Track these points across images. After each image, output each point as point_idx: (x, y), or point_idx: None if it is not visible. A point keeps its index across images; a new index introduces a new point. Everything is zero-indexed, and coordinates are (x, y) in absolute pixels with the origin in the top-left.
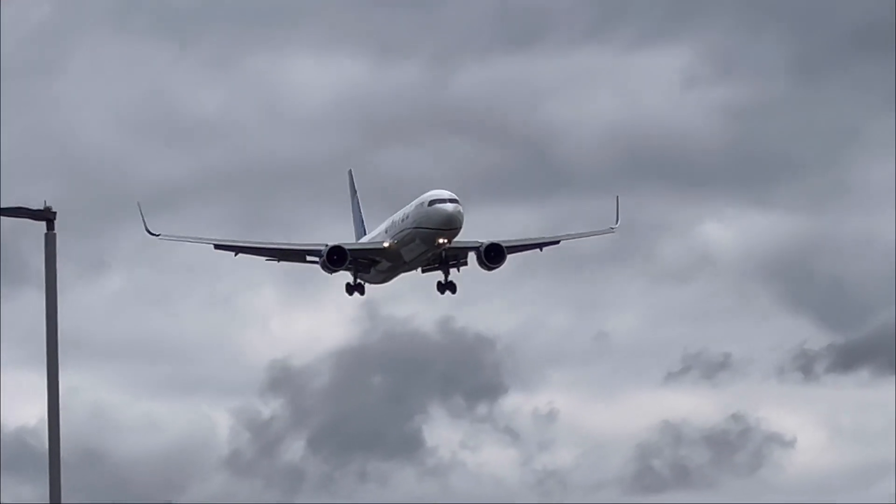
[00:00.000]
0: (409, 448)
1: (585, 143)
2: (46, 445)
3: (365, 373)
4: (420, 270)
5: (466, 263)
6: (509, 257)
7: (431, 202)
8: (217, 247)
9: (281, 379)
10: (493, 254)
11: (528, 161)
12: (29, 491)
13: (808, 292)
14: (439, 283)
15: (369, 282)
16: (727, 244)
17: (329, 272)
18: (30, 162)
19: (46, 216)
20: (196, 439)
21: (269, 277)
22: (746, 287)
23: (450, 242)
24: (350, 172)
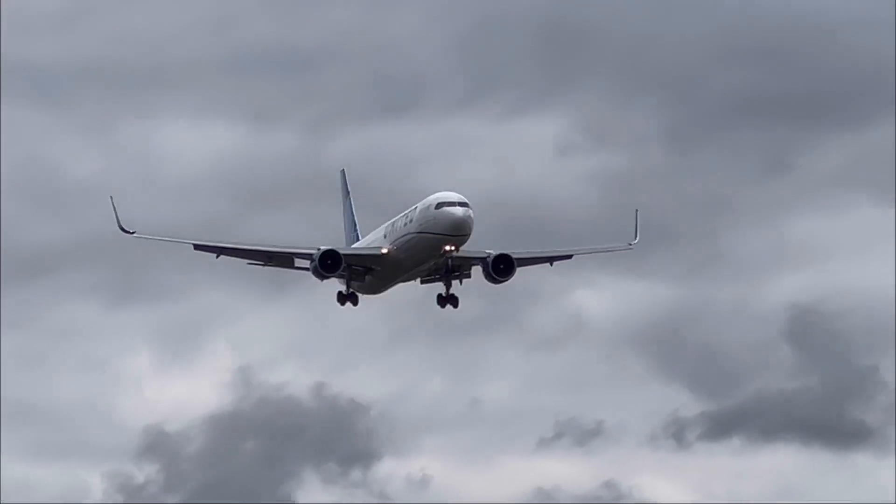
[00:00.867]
0: None
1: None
2: None
3: (239, 438)
4: (419, 281)
5: (470, 275)
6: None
7: (439, 205)
8: (197, 247)
9: (155, 443)
10: (503, 266)
11: None
12: None
13: (681, 360)
14: (440, 296)
15: (362, 292)
16: (600, 311)
17: (320, 278)
18: None
19: None
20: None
21: (146, 340)
22: (620, 354)
23: (457, 250)
24: (343, 172)
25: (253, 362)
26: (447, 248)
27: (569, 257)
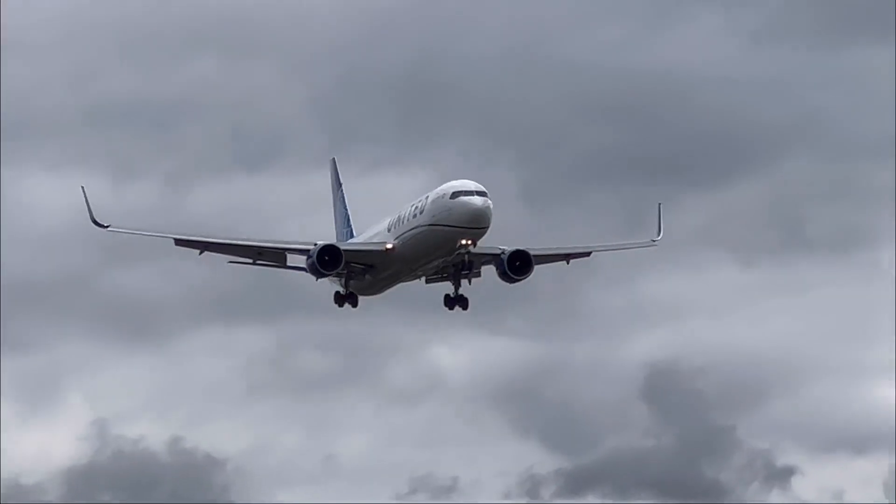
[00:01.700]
0: None
1: None
2: None
3: (93, 492)
4: (424, 280)
5: (480, 275)
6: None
7: (455, 194)
8: (178, 242)
9: (9, 496)
10: (519, 263)
11: (261, 283)
12: None
13: (538, 417)
14: (447, 297)
15: (360, 292)
16: (458, 367)
17: (317, 276)
18: None
19: None
20: None
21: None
22: (475, 411)
23: (474, 245)
24: (333, 161)
25: (110, 415)
26: (463, 243)
27: (587, 255)
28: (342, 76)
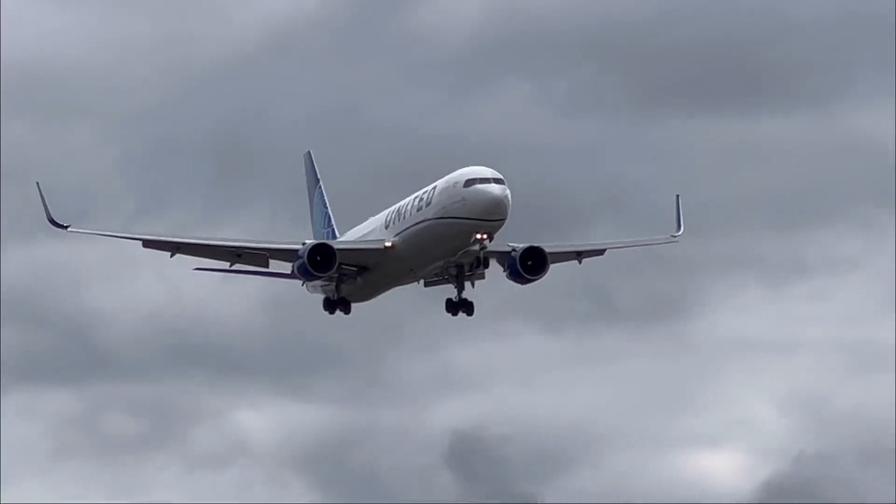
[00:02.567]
0: None
1: (126, 329)
2: None
3: None
4: (423, 283)
5: (483, 276)
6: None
7: (469, 182)
8: (147, 244)
9: None
10: (531, 261)
11: (71, 344)
12: None
13: (342, 484)
14: (450, 302)
15: (350, 297)
16: (262, 433)
17: (307, 279)
18: None
19: None
20: None
21: None
22: (281, 476)
23: (490, 239)
24: (309, 154)
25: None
26: (478, 237)
27: (601, 252)
28: (155, 138)
